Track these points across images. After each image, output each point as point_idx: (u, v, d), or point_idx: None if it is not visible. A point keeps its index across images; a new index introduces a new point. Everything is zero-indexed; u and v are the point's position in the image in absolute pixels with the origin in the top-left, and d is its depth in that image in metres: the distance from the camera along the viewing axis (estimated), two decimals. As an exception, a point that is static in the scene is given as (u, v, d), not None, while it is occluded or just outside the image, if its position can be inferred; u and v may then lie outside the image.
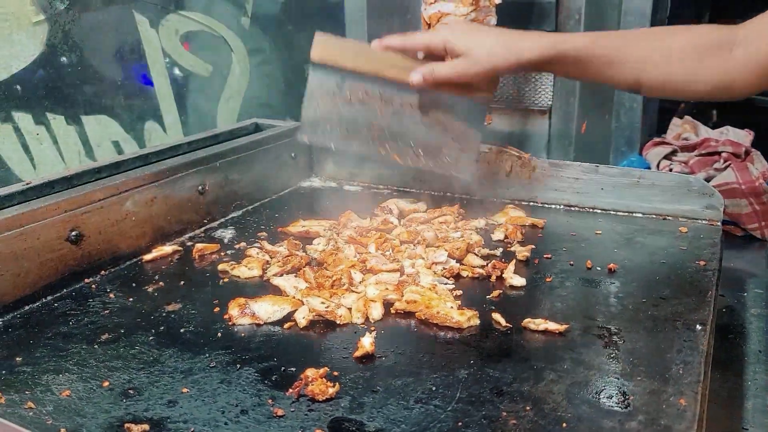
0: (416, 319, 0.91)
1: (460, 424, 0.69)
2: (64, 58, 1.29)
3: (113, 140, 1.41)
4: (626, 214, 1.26)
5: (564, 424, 0.68)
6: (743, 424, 0.85)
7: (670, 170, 1.53)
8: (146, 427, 0.69)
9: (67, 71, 1.30)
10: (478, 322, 0.89)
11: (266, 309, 0.91)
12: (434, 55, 1.09)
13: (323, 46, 1.11)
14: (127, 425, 0.69)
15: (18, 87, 1.23)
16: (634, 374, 0.76)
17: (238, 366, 0.80)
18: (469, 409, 0.71)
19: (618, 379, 0.75)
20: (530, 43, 1.04)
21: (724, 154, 1.50)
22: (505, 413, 0.70)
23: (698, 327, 0.85)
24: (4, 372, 0.79)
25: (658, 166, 1.57)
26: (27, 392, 0.75)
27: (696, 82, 0.98)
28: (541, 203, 1.33)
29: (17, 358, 0.82)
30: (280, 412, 0.71)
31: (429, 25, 1.46)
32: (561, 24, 1.56)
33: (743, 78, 0.95)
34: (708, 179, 1.41)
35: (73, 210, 1.01)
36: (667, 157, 1.59)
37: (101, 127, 1.38)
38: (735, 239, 1.39)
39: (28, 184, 1.04)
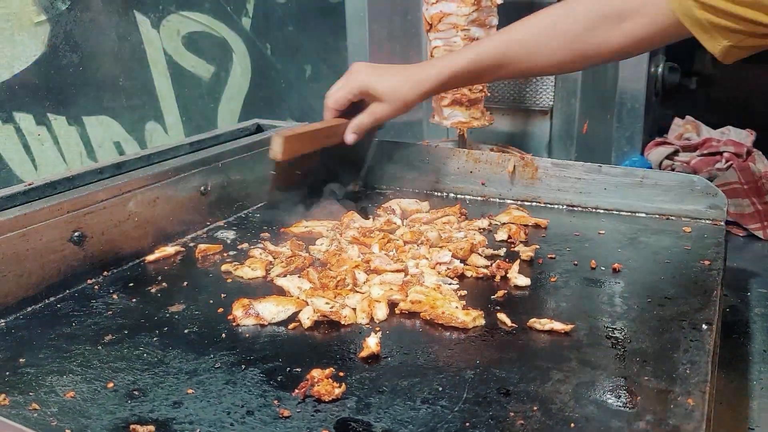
0: (421, 319, 0.90)
1: (467, 424, 0.68)
2: (65, 59, 1.29)
3: (114, 141, 1.41)
4: (629, 214, 1.26)
5: (572, 425, 0.68)
6: (749, 424, 0.85)
7: (672, 170, 1.54)
8: (152, 428, 0.68)
9: (68, 72, 1.30)
10: (483, 322, 0.89)
11: (270, 309, 0.91)
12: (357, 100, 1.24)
13: (286, 146, 1.19)
14: (132, 426, 0.69)
15: (19, 87, 1.22)
16: (641, 374, 0.76)
17: (243, 367, 0.80)
18: (476, 409, 0.71)
19: (625, 379, 0.75)
20: (426, 74, 1.17)
21: (725, 154, 1.51)
22: (512, 413, 0.70)
23: (704, 326, 0.85)
24: (7, 373, 0.79)
25: (660, 166, 1.57)
26: (31, 393, 0.75)
27: (589, 57, 1.08)
28: (544, 203, 1.33)
29: (21, 360, 0.82)
30: (286, 413, 0.71)
31: (431, 26, 1.46)
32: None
33: (629, 47, 1.05)
34: (710, 179, 1.41)
35: (76, 211, 1.01)
36: (669, 157, 1.59)
37: (103, 128, 1.38)
38: (737, 239, 1.39)
39: (30, 185, 1.03)
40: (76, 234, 1.01)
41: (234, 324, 0.90)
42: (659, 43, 1.08)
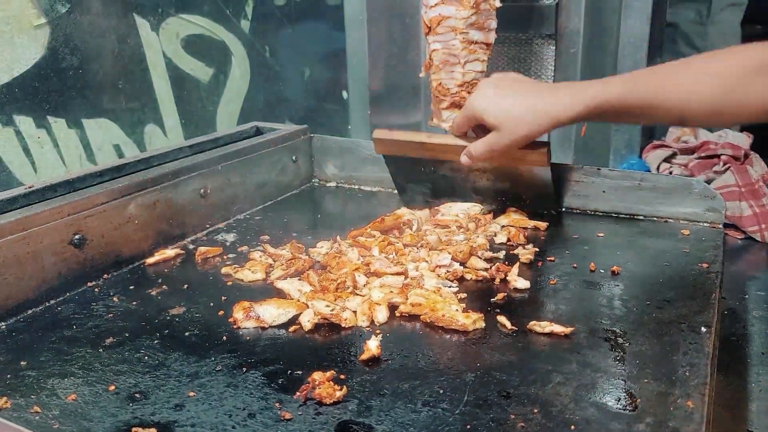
0: (421, 322, 0.91)
1: (468, 427, 0.69)
2: (65, 62, 1.29)
3: (114, 144, 1.41)
4: (628, 216, 1.27)
5: (572, 427, 0.68)
6: (748, 426, 0.85)
7: (670, 173, 1.54)
8: (154, 431, 0.69)
9: (68, 75, 1.30)
10: (483, 324, 0.89)
11: (271, 312, 0.91)
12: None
13: (382, 144, 1.28)
14: (134, 429, 0.69)
15: (19, 90, 1.22)
16: (640, 376, 0.76)
17: (244, 369, 0.80)
18: (477, 412, 0.71)
19: (625, 381, 0.76)
20: (564, 104, 1.02)
21: (723, 157, 1.51)
22: (513, 416, 0.70)
23: (703, 329, 0.86)
24: (9, 376, 0.79)
25: (658, 168, 1.58)
26: (32, 396, 0.75)
27: (745, 110, 0.96)
28: (543, 206, 1.33)
29: (22, 363, 0.82)
30: (287, 416, 0.71)
31: (429, 29, 1.46)
32: (561, 27, 1.56)
33: None
34: (708, 182, 1.42)
35: (76, 214, 1.01)
36: (666, 160, 1.59)
37: (102, 131, 1.38)
38: (735, 242, 1.40)
39: (30, 188, 1.03)
40: (77, 237, 1.01)
41: (235, 327, 0.90)
42: None
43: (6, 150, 1.22)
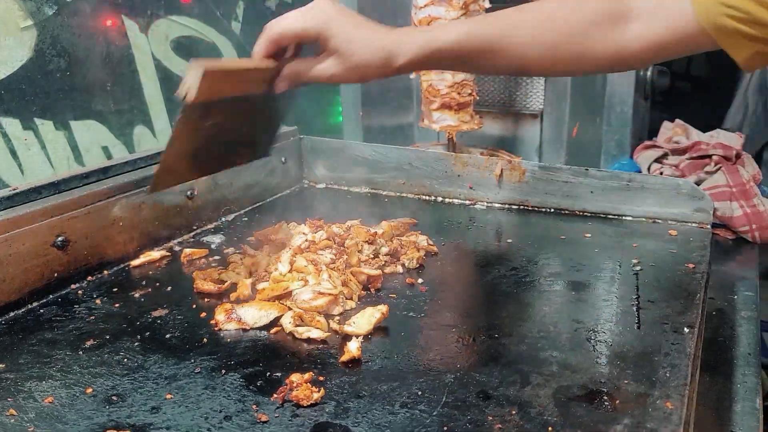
0: (409, 326, 0.90)
1: (445, 428, 0.68)
2: (52, 64, 1.29)
3: (102, 146, 1.41)
4: (616, 217, 1.26)
5: (550, 428, 0.68)
6: (732, 427, 0.84)
7: (661, 173, 1.53)
8: (128, 433, 0.68)
9: (55, 77, 1.29)
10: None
11: (253, 314, 0.90)
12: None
13: (206, 83, 0.86)
14: (109, 432, 0.68)
15: (6, 92, 1.22)
16: (620, 377, 0.76)
17: (223, 371, 0.80)
18: (454, 413, 0.71)
19: (604, 382, 0.75)
20: (404, 48, 0.93)
21: (714, 158, 1.50)
22: (490, 417, 0.70)
23: (686, 330, 0.85)
24: (-14, 379, 0.79)
25: (648, 169, 1.57)
26: (9, 399, 0.74)
27: (587, 59, 0.94)
28: (531, 206, 1.33)
29: (0, 365, 0.81)
30: (264, 418, 0.70)
31: (419, 30, 1.46)
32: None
33: (639, 52, 0.92)
34: (699, 182, 1.41)
35: (60, 215, 1.01)
36: (657, 160, 1.59)
37: (90, 133, 1.37)
38: (726, 242, 1.39)
39: (14, 189, 1.03)
40: (60, 239, 1.01)
41: (216, 329, 0.90)
42: (670, 53, 0.93)
43: (-7, 152, 1.22)
